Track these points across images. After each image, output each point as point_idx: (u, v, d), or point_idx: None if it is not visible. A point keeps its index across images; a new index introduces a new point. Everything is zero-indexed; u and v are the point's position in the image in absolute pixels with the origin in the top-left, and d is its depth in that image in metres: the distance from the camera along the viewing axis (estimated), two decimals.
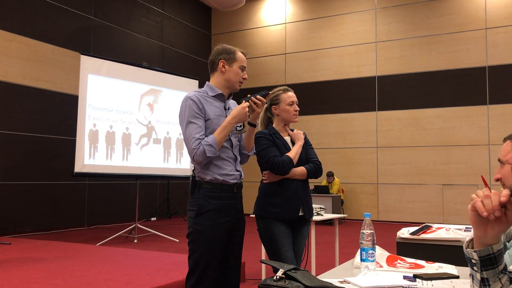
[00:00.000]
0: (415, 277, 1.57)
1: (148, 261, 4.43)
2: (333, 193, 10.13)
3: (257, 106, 2.35)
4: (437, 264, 1.78)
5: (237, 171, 2.39)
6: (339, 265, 1.99)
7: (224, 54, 2.36)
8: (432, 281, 1.52)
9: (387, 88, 10.93)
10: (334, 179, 10.52)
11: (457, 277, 1.58)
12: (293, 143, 2.77)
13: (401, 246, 2.36)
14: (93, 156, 6.88)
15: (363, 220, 1.68)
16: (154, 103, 7.75)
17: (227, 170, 2.32)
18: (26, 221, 8.07)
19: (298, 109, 2.77)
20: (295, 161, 2.65)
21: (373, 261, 1.66)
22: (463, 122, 10.14)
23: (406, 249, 2.31)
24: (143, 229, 7.43)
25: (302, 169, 2.68)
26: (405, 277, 1.57)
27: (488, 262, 1.03)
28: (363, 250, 1.66)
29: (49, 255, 4.77)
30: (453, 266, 1.75)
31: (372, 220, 1.75)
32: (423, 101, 10.51)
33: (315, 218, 4.02)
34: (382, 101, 10.96)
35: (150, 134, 7.65)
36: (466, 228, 2.36)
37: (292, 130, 2.83)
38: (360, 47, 11.30)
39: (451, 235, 2.27)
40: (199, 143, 2.22)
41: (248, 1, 12.57)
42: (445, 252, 2.21)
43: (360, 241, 1.67)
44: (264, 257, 4.03)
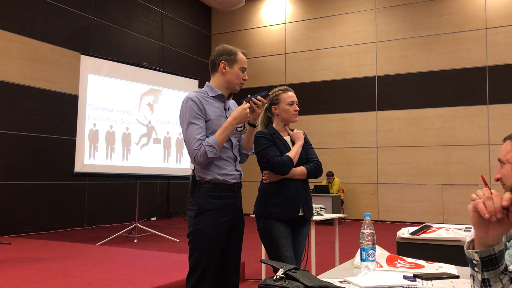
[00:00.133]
0: (415, 277, 1.57)
1: (148, 261, 4.43)
2: (333, 193, 10.13)
3: (257, 107, 2.36)
4: (437, 264, 1.78)
5: (237, 171, 2.40)
6: (339, 265, 2.00)
7: (225, 55, 2.36)
8: (432, 281, 1.52)
9: (387, 88, 10.93)
10: (334, 179, 10.51)
11: (457, 277, 1.58)
12: (293, 143, 2.77)
13: (401, 246, 2.35)
14: (93, 156, 6.88)
15: (363, 220, 1.68)
16: (154, 103, 7.75)
17: (227, 170, 2.33)
18: (26, 221, 8.07)
19: (298, 109, 2.77)
20: (295, 161, 2.65)
21: (373, 261, 1.66)
22: (463, 122, 10.14)
23: (406, 249, 2.31)
24: (143, 229, 7.43)
25: (302, 169, 2.68)
26: (405, 277, 1.57)
27: (489, 263, 1.03)
28: (363, 250, 1.66)
29: (49, 255, 4.77)
30: (453, 266, 1.75)
31: (372, 220, 1.75)
32: (423, 101, 10.51)
33: (315, 218, 4.02)
34: (382, 101, 10.96)
35: (150, 134, 7.66)
36: (466, 228, 2.36)
37: (292, 130, 2.83)
38: (360, 47, 11.30)
39: (451, 235, 2.27)
40: (200, 144, 2.22)
41: (248, 1, 12.56)
42: (445, 252, 2.21)
43: (360, 241, 1.67)
44: (264, 257, 4.04)
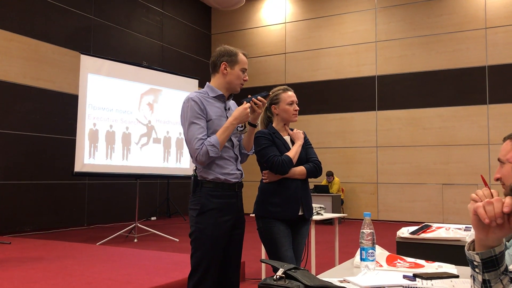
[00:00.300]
0: (415, 276, 1.57)
1: (148, 261, 4.43)
2: (333, 193, 10.13)
3: (257, 107, 2.37)
4: (437, 264, 1.78)
5: (238, 170, 2.41)
6: (339, 264, 2.00)
7: (226, 56, 2.37)
8: (432, 280, 1.53)
9: (387, 88, 10.93)
10: (334, 178, 10.51)
11: (457, 276, 1.58)
12: (293, 142, 2.77)
13: (401, 246, 2.35)
14: (93, 156, 6.88)
15: (363, 220, 1.68)
16: (154, 103, 7.75)
17: (229, 170, 2.34)
18: (26, 220, 8.07)
19: (298, 108, 2.77)
20: (294, 160, 2.65)
21: (373, 260, 1.66)
22: (463, 121, 10.14)
23: (406, 248, 2.31)
24: (143, 228, 7.43)
25: (301, 168, 2.69)
26: (405, 277, 1.57)
27: (490, 264, 1.03)
28: (363, 249, 1.67)
29: (49, 255, 4.77)
30: (453, 266, 1.75)
31: (372, 220, 1.75)
32: (422, 101, 10.51)
33: (315, 217, 4.02)
34: (382, 100, 10.96)
35: (150, 133, 7.66)
36: (466, 227, 2.36)
37: (292, 130, 2.83)
38: (360, 46, 11.30)
39: (451, 235, 2.27)
40: (202, 143, 2.23)
41: (248, 1, 12.56)
42: (445, 251, 2.21)
43: (360, 240, 1.67)
44: (264, 256, 4.04)
